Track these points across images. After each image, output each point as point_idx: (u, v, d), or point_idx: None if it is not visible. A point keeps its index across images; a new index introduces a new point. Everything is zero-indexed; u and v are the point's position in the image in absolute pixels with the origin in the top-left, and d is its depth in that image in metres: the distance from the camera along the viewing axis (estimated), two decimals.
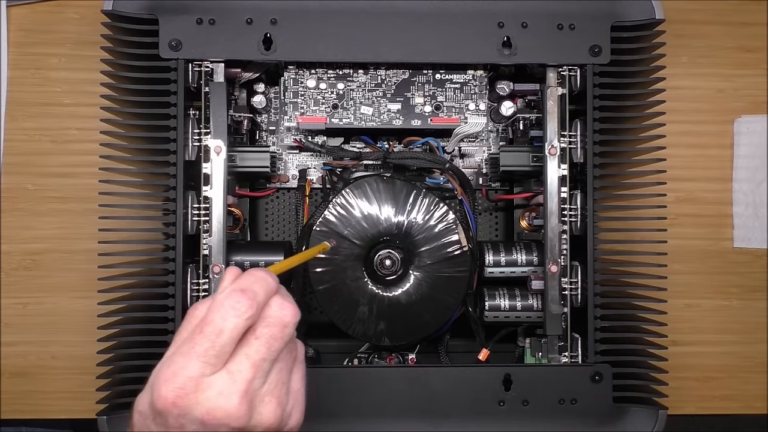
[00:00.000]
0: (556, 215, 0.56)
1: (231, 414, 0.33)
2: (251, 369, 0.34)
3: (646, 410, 0.55)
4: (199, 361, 0.33)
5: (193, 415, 0.33)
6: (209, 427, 0.33)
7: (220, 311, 0.34)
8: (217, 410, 0.33)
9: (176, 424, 0.33)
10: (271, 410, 0.35)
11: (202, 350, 0.33)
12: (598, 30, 0.55)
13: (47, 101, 0.65)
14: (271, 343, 0.35)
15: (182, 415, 0.33)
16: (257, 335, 0.34)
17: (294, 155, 0.64)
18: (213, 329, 0.33)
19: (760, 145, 0.68)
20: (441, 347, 0.62)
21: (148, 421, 0.34)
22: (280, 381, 0.36)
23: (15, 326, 0.65)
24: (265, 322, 0.35)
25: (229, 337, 0.34)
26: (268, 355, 0.34)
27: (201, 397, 0.33)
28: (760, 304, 0.68)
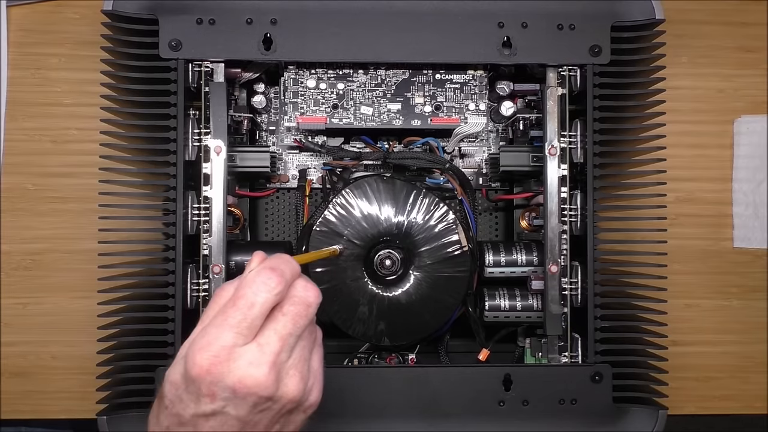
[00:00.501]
0: (556, 215, 0.56)
1: (260, 383, 0.35)
2: (279, 342, 0.36)
3: (646, 410, 0.55)
4: (232, 332, 0.35)
5: (225, 383, 0.35)
6: (239, 394, 0.35)
7: (252, 286, 0.36)
8: (247, 378, 0.35)
9: (208, 392, 0.35)
10: (295, 383, 0.37)
11: (235, 322, 0.36)
12: (598, 30, 0.55)
13: (47, 101, 0.65)
14: (297, 320, 0.37)
15: (215, 383, 0.35)
16: (284, 312, 0.37)
17: (294, 155, 0.64)
18: (245, 303, 0.36)
19: (760, 145, 0.68)
20: (441, 347, 0.62)
21: (180, 390, 0.36)
22: (303, 357, 0.38)
23: (15, 326, 0.65)
24: (291, 300, 0.38)
25: (260, 311, 0.36)
26: (294, 331, 0.37)
27: (233, 365, 0.35)
28: (760, 304, 0.68)
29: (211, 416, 0.36)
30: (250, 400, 0.36)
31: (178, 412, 0.36)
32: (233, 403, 0.36)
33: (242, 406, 0.36)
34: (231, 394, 0.35)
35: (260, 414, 0.36)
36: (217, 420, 0.36)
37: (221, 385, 0.35)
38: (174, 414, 0.37)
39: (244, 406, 0.36)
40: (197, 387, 0.35)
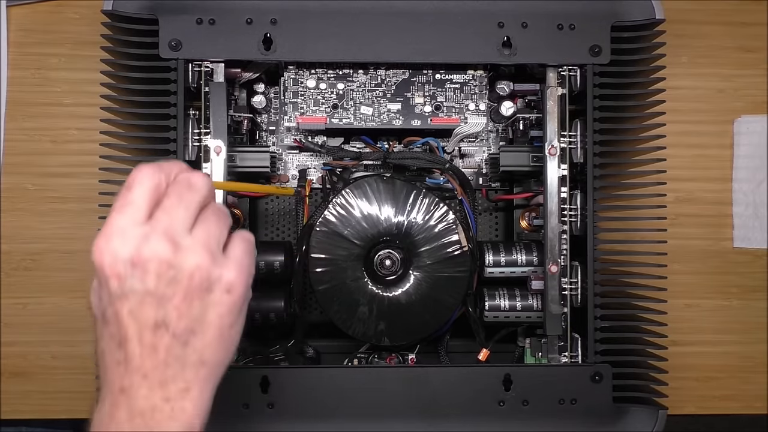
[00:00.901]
0: (556, 215, 0.56)
1: (156, 250, 0.35)
2: (167, 216, 0.37)
3: (646, 410, 0.55)
4: (119, 214, 0.36)
5: (123, 257, 0.36)
6: (138, 262, 0.35)
7: (130, 177, 0.37)
8: (142, 248, 0.35)
9: (112, 272, 0.36)
10: (198, 252, 0.36)
11: (118, 206, 0.37)
12: (598, 30, 0.55)
13: (47, 101, 0.65)
14: (182, 195, 0.37)
15: (114, 260, 0.36)
16: (168, 194, 0.38)
17: (294, 155, 0.64)
18: (125, 188, 0.37)
19: (760, 145, 0.68)
20: (441, 347, 0.62)
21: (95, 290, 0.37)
22: (209, 236, 0.37)
23: (15, 326, 0.65)
24: (173, 183, 0.38)
25: (140, 192, 0.37)
26: (181, 204, 0.37)
27: (128, 241, 0.36)
28: (760, 304, 0.68)
29: (124, 298, 0.36)
30: (152, 269, 0.35)
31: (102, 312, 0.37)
32: (137, 277, 0.35)
33: (147, 278, 0.35)
34: (132, 267, 0.35)
35: (170, 286, 0.36)
36: (131, 301, 0.36)
37: (120, 260, 0.35)
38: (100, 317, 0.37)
39: (148, 277, 0.35)
40: (103, 272, 0.36)
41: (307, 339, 0.61)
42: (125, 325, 0.35)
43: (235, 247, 0.39)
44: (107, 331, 0.36)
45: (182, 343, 0.36)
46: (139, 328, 0.35)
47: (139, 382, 0.35)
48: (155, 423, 0.35)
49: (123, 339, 0.36)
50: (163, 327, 0.36)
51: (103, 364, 0.36)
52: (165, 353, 0.36)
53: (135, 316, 0.35)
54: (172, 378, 0.36)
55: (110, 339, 0.36)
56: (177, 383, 0.36)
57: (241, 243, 0.39)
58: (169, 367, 0.36)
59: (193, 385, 0.36)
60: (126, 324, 0.35)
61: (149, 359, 0.35)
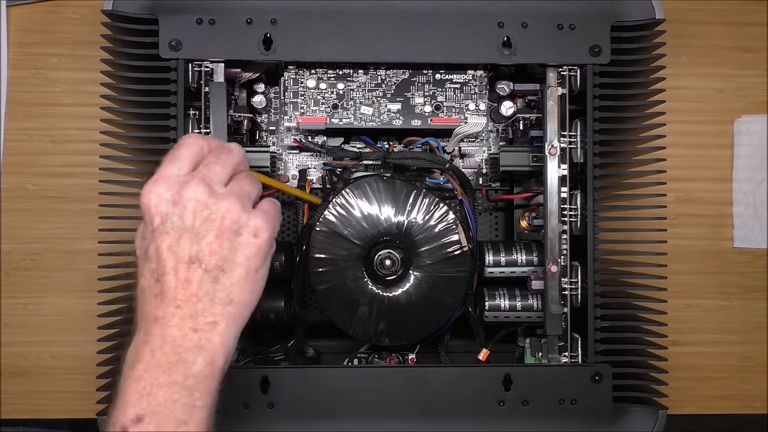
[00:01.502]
0: (556, 215, 0.56)
1: (195, 192, 0.40)
2: (207, 169, 0.42)
3: (646, 410, 0.55)
4: (168, 165, 0.41)
5: (166, 197, 0.40)
6: (179, 204, 0.40)
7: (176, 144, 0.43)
8: (183, 190, 0.40)
9: (156, 211, 0.40)
10: (232, 200, 0.41)
11: (166, 160, 0.42)
12: (598, 30, 0.55)
13: (47, 101, 0.65)
14: (219, 155, 0.43)
15: (158, 200, 0.40)
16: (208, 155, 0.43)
17: (294, 155, 0.64)
18: (176, 146, 0.43)
19: (760, 145, 0.68)
20: (441, 347, 0.62)
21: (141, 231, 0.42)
22: (242, 190, 0.42)
23: (15, 326, 0.65)
24: (214, 148, 0.44)
25: (186, 150, 0.42)
26: (219, 165, 0.42)
27: (172, 184, 0.40)
28: (760, 304, 0.68)
29: (165, 234, 0.39)
30: (189, 207, 0.40)
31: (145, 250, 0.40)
32: (177, 214, 0.40)
33: (186, 214, 0.40)
34: (172, 205, 0.40)
35: (205, 224, 0.40)
36: (170, 236, 0.39)
37: (163, 199, 0.40)
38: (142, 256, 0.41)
39: (186, 214, 0.40)
40: (148, 213, 0.40)
41: (307, 339, 0.61)
42: (164, 258, 0.39)
43: (263, 203, 0.43)
44: (148, 267, 0.40)
45: (213, 278, 0.40)
46: (176, 262, 0.39)
47: (173, 311, 0.39)
48: (183, 350, 0.38)
49: (161, 273, 0.39)
50: (196, 262, 0.39)
51: (143, 299, 0.40)
52: (197, 287, 0.39)
53: (173, 250, 0.39)
54: (201, 311, 0.39)
55: (150, 274, 0.40)
56: (206, 316, 0.39)
57: (268, 202, 0.44)
58: (200, 300, 0.39)
59: (220, 320, 0.39)
60: (165, 258, 0.39)
61: (183, 291, 0.39)
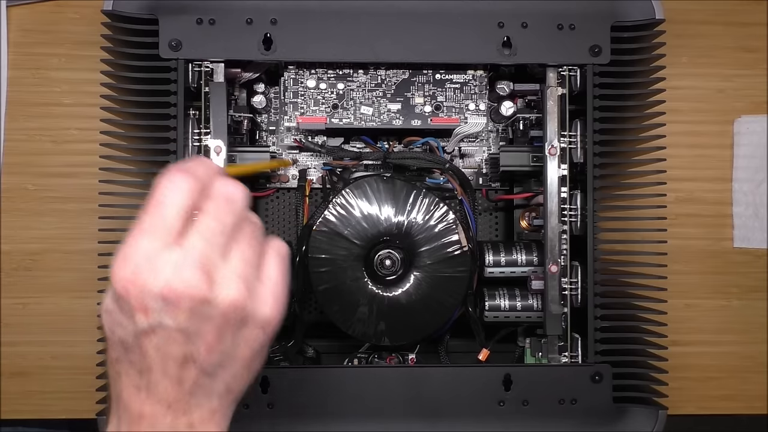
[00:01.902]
0: (556, 215, 0.56)
1: (189, 283, 0.32)
2: (203, 241, 0.33)
3: (646, 410, 0.55)
4: (148, 238, 0.33)
5: (153, 291, 0.32)
6: (170, 300, 0.32)
7: (160, 189, 0.34)
8: (174, 281, 0.32)
9: (139, 306, 0.33)
10: (235, 286, 0.34)
11: (149, 227, 0.33)
12: (598, 30, 0.55)
13: (47, 101, 0.65)
14: (219, 217, 0.34)
15: (142, 293, 0.32)
16: (204, 211, 0.34)
17: (294, 155, 0.64)
18: (155, 204, 0.33)
19: (760, 145, 0.68)
20: (441, 347, 0.62)
21: (115, 314, 0.34)
22: (245, 261, 0.35)
23: (15, 326, 0.65)
24: (210, 198, 0.34)
25: (173, 211, 0.33)
26: (218, 229, 0.34)
27: (158, 271, 0.32)
28: (760, 304, 0.68)
29: (151, 332, 0.33)
30: (185, 306, 0.33)
31: (120, 338, 0.34)
32: (168, 313, 0.33)
33: (178, 314, 0.33)
34: (162, 302, 0.32)
35: (202, 323, 0.33)
36: (158, 336, 0.33)
37: (150, 294, 0.32)
38: (117, 342, 0.34)
39: (180, 314, 0.33)
40: (128, 303, 0.33)
41: (307, 339, 0.61)
42: (150, 357, 0.33)
43: (271, 269, 0.36)
44: (127, 357, 0.34)
45: (209, 375, 0.34)
46: (165, 361, 0.33)
47: (163, 411, 0.34)
48: None
49: (146, 368, 0.34)
50: (190, 361, 0.34)
51: (118, 383, 0.35)
52: (191, 385, 0.34)
53: (161, 350, 0.33)
54: (196, 405, 0.34)
55: (130, 365, 0.34)
56: (202, 410, 0.35)
57: (276, 263, 0.36)
58: (194, 396, 0.34)
59: (217, 409, 0.35)
60: (151, 356, 0.33)
61: (174, 390, 0.34)
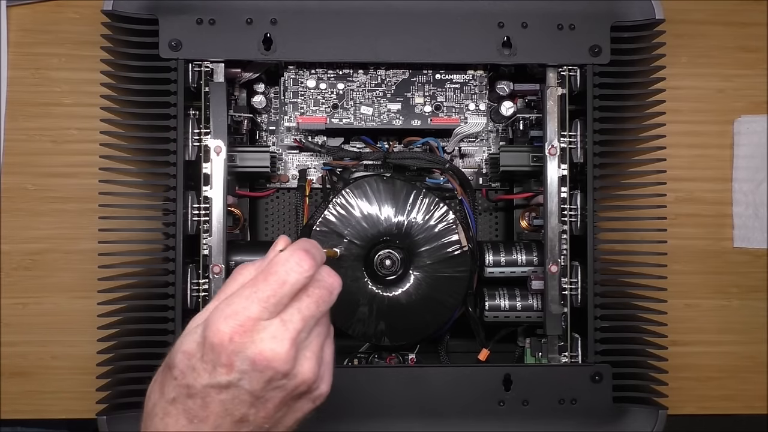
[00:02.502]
0: (556, 215, 0.56)
1: (281, 357, 0.35)
2: (301, 321, 0.36)
3: (646, 410, 0.55)
4: (259, 306, 0.35)
5: (245, 353, 0.35)
6: (258, 367, 0.35)
7: (285, 265, 0.37)
8: (268, 351, 0.35)
9: (227, 361, 0.35)
10: (311, 365, 0.37)
11: (264, 296, 0.36)
12: (598, 30, 0.55)
13: (47, 101, 0.65)
14: (319, 303, 0.37)
15: (236, 352, 0.35)
16: (309, 294, 0.37)
17: (294, 155, 0.64)
18: (277, 279, 0.36)
19: (760, 145, 0.68)
20: (441, 347, 0.62)
21: (194, 360, 0.36)
22: (318, 344, 0.38)
23: (15, 326, 0.65)
24: (317, 284, 0.38)
25: (290, 290, 0.36)
26: (315, 313, 0.37)
27: (256, 337, 0.35)
28: (760, 304, 0.68)
29: (224, 389, 0.35)
30: (267, 374, 0.35)
31: (188, 383, 0.36)
32: (249, 376, 0.35)
33: (257, 380, 0.35)
34: (249, 366, 0.35)
35: (273, 391, 0.36)
36: (229, 393, 0.36)
37: (241, 355, 0.35)
38: (184, 385, 0.36)
39: (259, 380, 0.35)
40: (216, 355, 0.35)
41: None
42: (211, 409, 0.36)
43: (329, 350, 0.40)
44: (185, 402, 0.36)
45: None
46: (223, 417, 0.36)
47: None
48: None
49: (201, 419, 0.36)
50: (246, 421, 0.36)
51: (161, 420, 0.36)
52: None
53: (226, 407, 0.36)
54: None
55: (184, 411, 0.36)
56: None
57: (330, 345, 0.40)
58: None
59: None
60: (212, 410, 0.36)
61: None
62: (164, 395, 0.37)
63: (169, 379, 0.37)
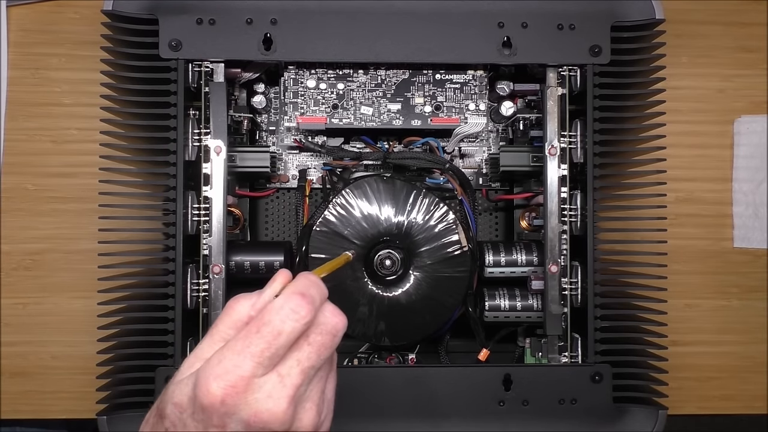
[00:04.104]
0: (556, 215, 0.56)
1: (278, 418, 0.33)
2: (300, 375, 0.34)
3: (646, 410, 0.55)
4: (253, 362, 0.33)
5: (239, 416, 0.33)
6: (253, 428, 0.33)
7: (280, 313, 0.33)
8: (264, 413, 0.33)
9: (219, 423, 0.33)
10: (311, 417, 0.35)
11: (257, 351, 0.33)
12: (598, 30, 0.55)
13: (47, 101, 0.65)
14: (321, 351, 0.35)
15: (228, 414, 0.33)
16: (310, 342, 0.34)
17: (294, 155, 0.64)
18: (271, 331, 0.33)
19: (760, 145, 0.68)
20: (441, 347, 0.62)
21: (185, 415, 0.34)
22: (320, 389, 0.36)
23: (15, 326, 0.65)
24: (318, 329, 0.35)
25: (286, 341, 0.33)
26: (316, 363, 0.35)
27: (250, 398, 0.33)
28: (760, 304, 0.68)
29: None
30: None
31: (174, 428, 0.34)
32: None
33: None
34: (243, 427, 0.33)
35: None
36: None
37: (235, 417, 0.33)
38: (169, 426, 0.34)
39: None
40: (207, 416, 0.33)
41: None
42: None
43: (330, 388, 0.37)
44: None
45: None
46: None
47: None
48: None
49: None
50: None
51: None
52: None
53: None
54: None
55: None
56: None
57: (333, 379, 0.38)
58: None
59: None
60: None
61: None
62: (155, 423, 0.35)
63: (160, 428, 0.35)
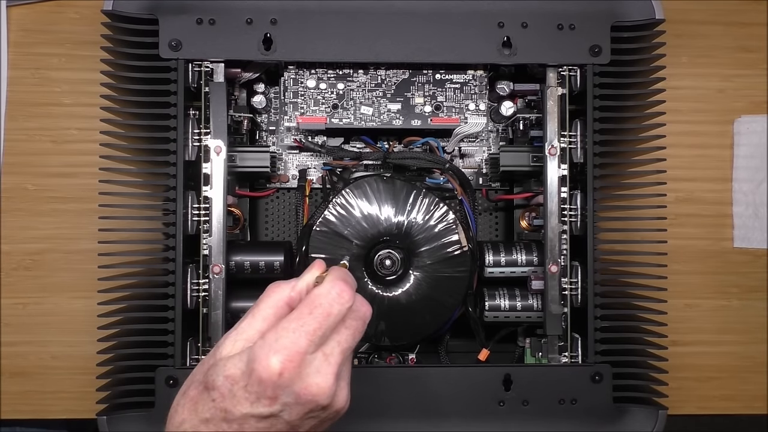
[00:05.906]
0: (556, 215, 0.56)
1: (324, 391, 0.36)
2: (341, 354, 0.37)
3: (646, 410, 0.55)
4: (307, 339, 0.36)
5: (292, 388, 0.36)
6: (302, 400, 0.36)
7: (328, 297, 0.38)
8: (313, 386, 0.36)
9: (272, 395, 0.36)
10: (345, 394, 0.38)
11: (311, 329, 0.37)
12: (598, 30, 0.55)
13: (47, 101, 0.65)
14: (356, 335, 0.39)
15: (282, 387, 0.36)
16: (347, 326, 0.38)
17: (294, 155, 0.64)
18: (322, 312, 0.37)
19: (760, 145, 0.68)
20: (441, 347, 0.62)
21: (237, 387, 0.36)
22: (349, 371, 0.39)
23: (15, 326, 0.65)
24: (353, 315, 0.39)
25: (334, 322, 0.37)
26: (352, 345, 0.38)
27: (303, 372, 0.36)
28: (760, 304, 0.68)
29: (263, 419, 0.36)
30: (308, 407, 0.36)
31: (226, 408, 0.36)
32: (291, 409, 0.36)
33: (298, 412, 0.36)
34: (294, 399, 0.36)
35: (309, 420, 0.37)
36: (267, 422, 0.36)
37: (287, 390, 0.36)
38: (221, 408, 0.36)
39: (299, 412, 0.36)
40: (262, 388, 0.36)
41: None
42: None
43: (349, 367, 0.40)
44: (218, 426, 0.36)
45: None
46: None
47: None
48: None
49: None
50: None
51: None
52: None
53: None
54: None
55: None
56: None
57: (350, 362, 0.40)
58: None
59: None
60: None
61: None
62: (197, 413, 0.37)
63: (205, 399, 0.37)
